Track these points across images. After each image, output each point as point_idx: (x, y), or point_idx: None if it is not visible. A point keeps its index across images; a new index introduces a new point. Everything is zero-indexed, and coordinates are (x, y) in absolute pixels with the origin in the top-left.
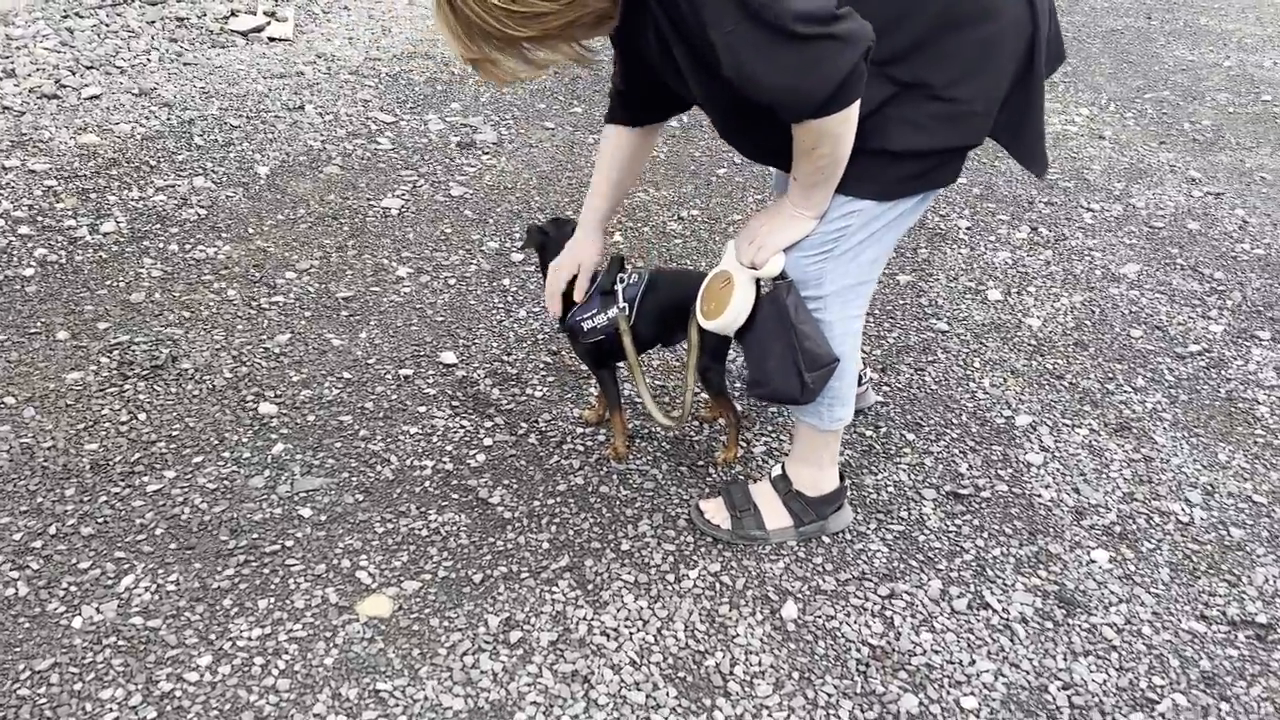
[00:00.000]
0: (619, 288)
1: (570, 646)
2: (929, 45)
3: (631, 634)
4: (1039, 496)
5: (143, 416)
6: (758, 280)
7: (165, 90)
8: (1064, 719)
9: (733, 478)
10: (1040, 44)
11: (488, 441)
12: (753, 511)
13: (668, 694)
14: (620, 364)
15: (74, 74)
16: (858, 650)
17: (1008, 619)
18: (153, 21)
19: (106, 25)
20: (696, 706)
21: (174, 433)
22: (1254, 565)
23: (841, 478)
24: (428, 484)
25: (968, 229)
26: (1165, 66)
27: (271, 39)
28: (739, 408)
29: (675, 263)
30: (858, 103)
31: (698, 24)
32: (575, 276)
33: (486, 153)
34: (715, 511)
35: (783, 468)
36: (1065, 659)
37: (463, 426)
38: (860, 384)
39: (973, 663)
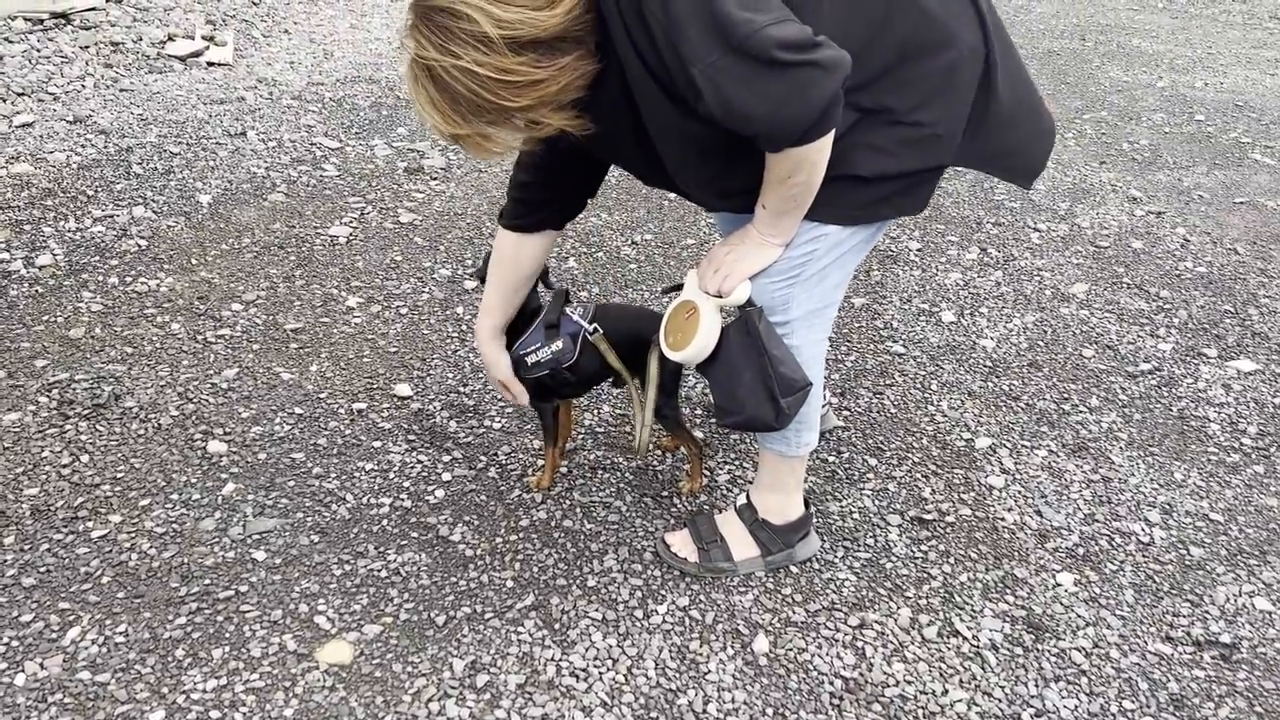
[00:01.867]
0: (575, 317)
1: (539, 689)
2: (892, 72)
3: (601, 674)
4: (1002, 520)
5: (85, 458)
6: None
7: (101, 117)
8: None
9: (698, 509)
10: (995, 66)
11: (446, 476)
12: (719, 543)
13: None
14: (561, 401)
15: (4, 101)
16: (831, 684)
17: (978, 646)
18: (86, 47)
19: (38, 50)
20: None
21: (119, 474)
22: (1215, 584)
23: (806, 504)
24: (386, 522)
25: (918, 251)
26: (1102, 87)
27: (211, 64)
28: (699, 436)
29: (630, 288)
30: (834, 130)
31: (676, 60)
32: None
33: (435, 178)
34: (681, 544)
35: (747, 496)
36: (1036, 685)
37: (420, 461)
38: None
39: (945, 692)
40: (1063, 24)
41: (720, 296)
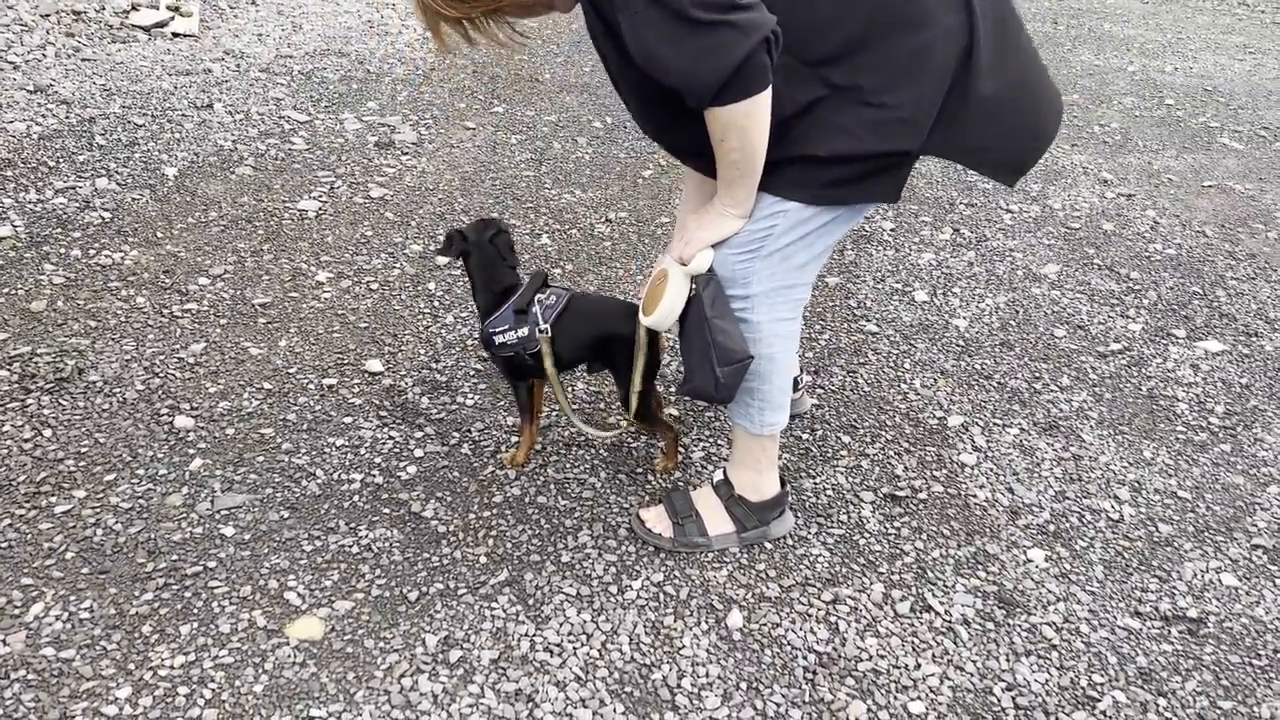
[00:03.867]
0: (536, 308)
1: (513, 664)
2: (862, 50)
3: (575, 649)
4: (974, 497)
5: (48, 433)
6: (695, 278)
7: (63, 87)
8: None
9: (673, 485)
10: (979, 58)
11: (418, 453)
12: (694, 518)
13: (615, 710)
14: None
15: None
16: (804, 658)
17: (950, 621)
18: (47, 15)
19: None
20: None
21: (83, 449)
22: (1182, 560)
23: (783, 482)
24: (357, 498)
25: (892, 230)
26: (1074, 71)
27: (176, 35)
28: (674, 413)
29: (604, 265)
30: (764, 96)
31: (610, 9)
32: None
33: (406, 153)
34: (656, 520)
35: (724, 473)
36: (1008, 660)
37: (391, 437)
38: (795, 389)
39: (918, 666)
40: (1035, 7)
41: (684, 264)
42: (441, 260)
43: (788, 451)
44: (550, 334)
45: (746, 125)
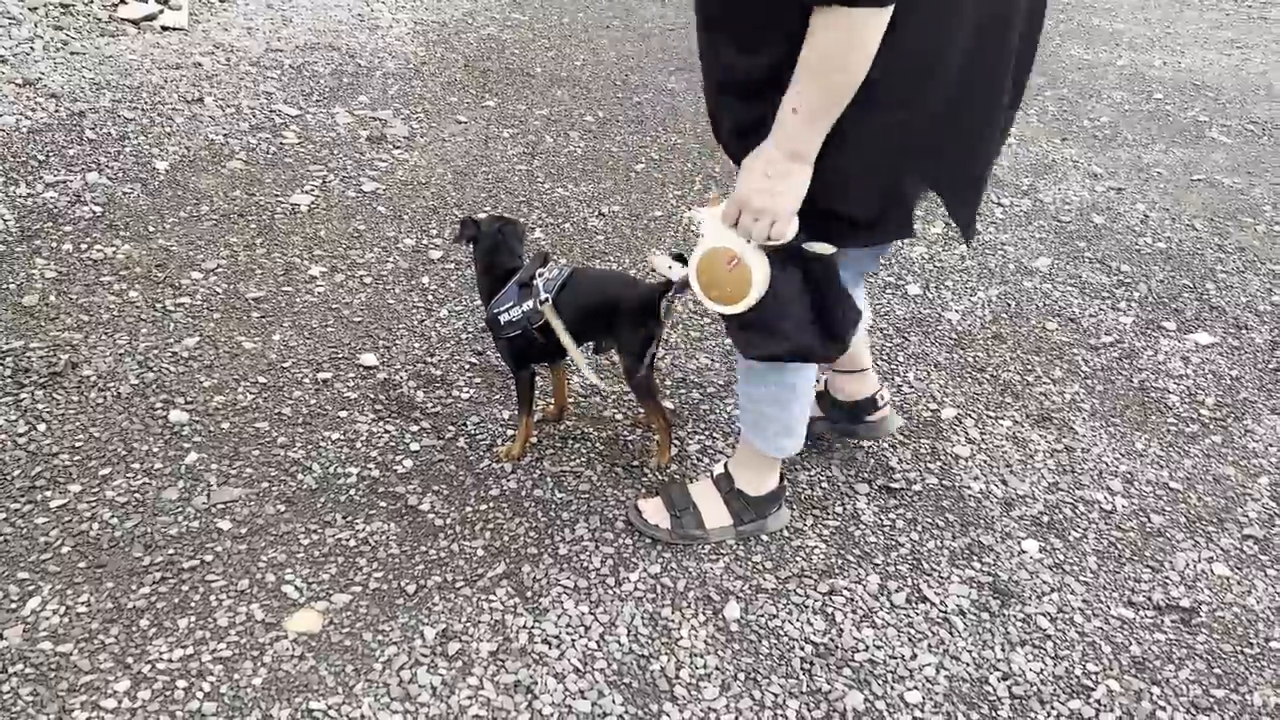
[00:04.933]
0: (538, 281)
1: (511, 656)
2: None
3: (574, 641)
4: (968, 488)
5: (42, 427)
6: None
7: (51, 81)
8: (1005, 709)
9: (670, 477)
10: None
11: (414, 446)
12: (692, 511)
13: (614, 701)
14: (539, 365)
15: None
16: (801, 648)
17: (946, 612)
18: (35, 8)
19: None
20: (644, 713)
21: (78, 444)
22: (1174, 550)
23: (780, 477)
24: (353, 492)
25: None
26: (1063, 65)
27: (165, 28)
28: (669, 406)
29: (598, 259)
30: (888, 12)
31: None
32: None
33: (398, 147)
34: (654, 512)
35: (725, 466)
36: (1003, 649)
37: (387, 431)
38: (878, 408)
39: (914, 657)
40: None
41: (772, 240)
42: (437, 255)
43: None
44: (553, 303)
45: (868, 40)
